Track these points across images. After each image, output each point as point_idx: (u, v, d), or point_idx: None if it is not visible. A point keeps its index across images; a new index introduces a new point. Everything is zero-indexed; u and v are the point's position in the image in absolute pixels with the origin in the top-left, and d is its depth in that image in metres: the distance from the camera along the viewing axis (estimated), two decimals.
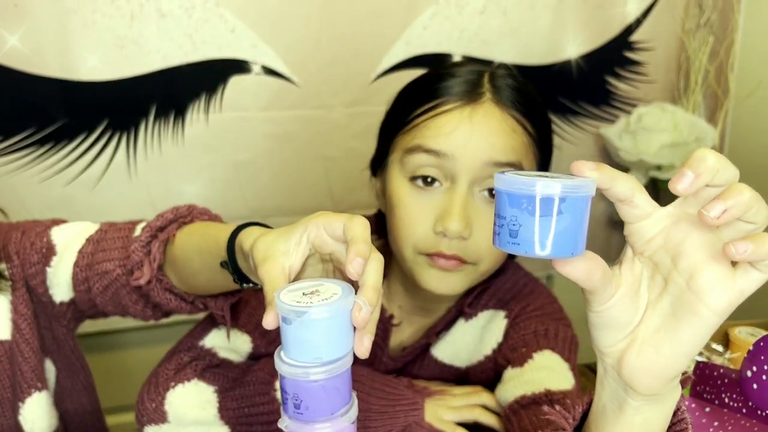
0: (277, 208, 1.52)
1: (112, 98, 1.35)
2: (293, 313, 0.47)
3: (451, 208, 0.74)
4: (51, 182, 1.34)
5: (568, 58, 1.60)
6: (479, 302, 0.86)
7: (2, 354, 0.81)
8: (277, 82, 1.43)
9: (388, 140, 0.82)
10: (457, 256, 0.75)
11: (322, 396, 0.50)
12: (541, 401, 0.73)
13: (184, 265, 0.71)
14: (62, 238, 0.81)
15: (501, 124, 0.75)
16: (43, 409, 0.85)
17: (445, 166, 0.74)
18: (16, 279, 0.81)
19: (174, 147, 1.41)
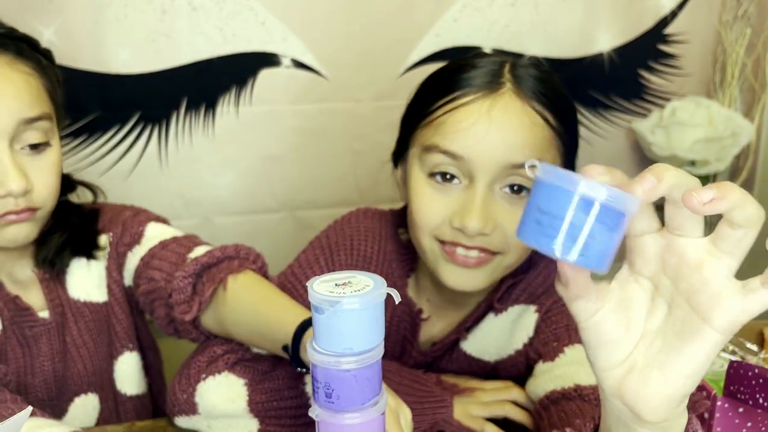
0: (305, 201, 1.52)
1: (144, 91, 1.37)
2: (325, 303, 0.48)
3: (469, 206, 0.73)
4: (85, 173, 1.37)
5: (600, 51, 1.58)
6: (510, 297, 0.85)
7: (102, 314, 0.92)
8: (306, 75, 1.44)
9: (408, 132, 0.81)
10: (480, 247, 0.75)
11: (354, 385, 0.50)
12: (570, 396, 0.72)
13: (232, 325, 0.77)
14: (152, 233, 0.91)
15: (521, 118, 0.74)
16: (133, 368, 0.95)
17: (463, 166, 0.74)
18: (112, 249, 0.91)
19: (204, 140, 1.43)
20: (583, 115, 1.62)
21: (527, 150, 0.73)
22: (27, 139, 0.77)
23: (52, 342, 0.88)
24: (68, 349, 0.89)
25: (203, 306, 0.78)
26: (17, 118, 0.75)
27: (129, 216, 0.93)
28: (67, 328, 0.89)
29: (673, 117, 1.55)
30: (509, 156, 0.73)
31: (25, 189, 0.76)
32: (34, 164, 0.78)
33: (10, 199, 0.76)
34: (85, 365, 0.91)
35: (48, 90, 0.81)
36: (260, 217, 1.52)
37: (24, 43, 0.80)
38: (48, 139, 0.80)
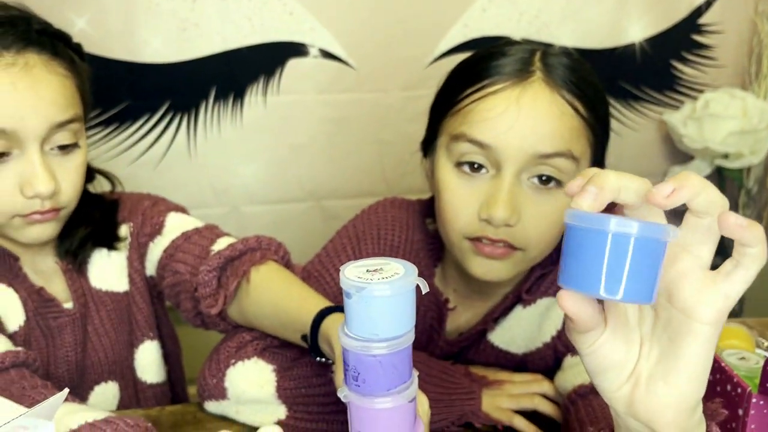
0: (332, 191, 1.53)
1: (174, 80, 1.38)
2: (355, 288, 0.48)
3: (496, 195, 0.72)
4: (115, 162, 1.39)
5: (631, 42, 1.55)
6: (539, 289, 0.84)
7: (124, 303, 0.93)
8: (334, 65, 1.44)
9: (437, 121, 0.80)
10: (504, 240, 0.74)
11: (380, 371, 0.50)
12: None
13: (254, 317, 0.78)
14: (173, 223, 0.91)
15: (550, 106, 0.72)
16: (154, 357, 0.96)
17: (491, 155, 0.73)
18: (133, 239, 0.92)
19: (233, 129, 1.44)
20: (613, 106, 1.59)
21: (556, 139, 0.72)
22: (57, 141, 0.78)
23: (75, 332, 0.89)
24: (89, 338, 0.90)
25: (228, 299, 0.79)
26: (50, 122, 0.76)
27: (148, 206, 0.94)
28: (89, 317, 0.90)
29: (707, 109, 1.52)
30: (537, 145, 0.71)
31: (53, 191, 0.77)
32: (62, 165, 0.79)
33: (37, 200, 0.77)
34: (106, 354, 0.92)
35: (80, 89, 0.81)
36: (287, 206, 1.53)
37: (59, 40, 0.80)
38: (77, 140, 0.80)
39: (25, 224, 0.79)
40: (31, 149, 0.75)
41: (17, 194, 0.76)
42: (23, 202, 0.77)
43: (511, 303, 0.85)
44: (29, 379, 0.71)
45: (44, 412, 0.52)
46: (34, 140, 0.75)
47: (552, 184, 0.73)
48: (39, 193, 0.76)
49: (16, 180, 0.76)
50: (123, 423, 0.63)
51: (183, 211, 0.96)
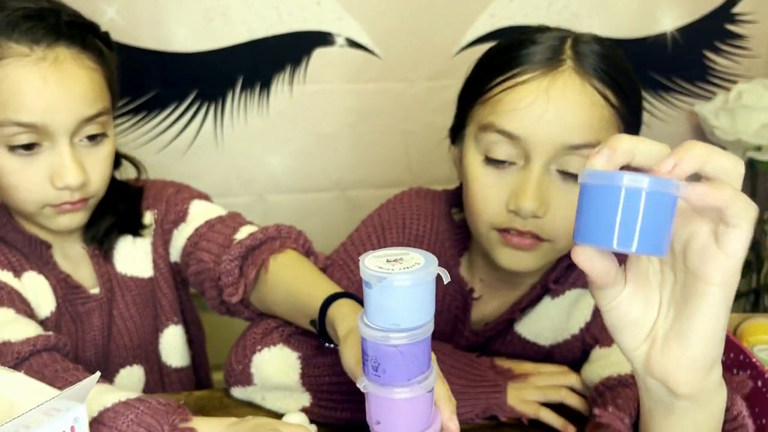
0: (358, 181, 1.53)
1: (202, 69, 1.39)
2: (374, 278, 0.48)
3: (525, 186, 0.72)
4: (143, 150, 1.40)
5: (663, 31, 1.52)
6: (567, 280, 0.84)
7: (149, 288, 0.94)
8: (360, 55, 1.43)
9: (466, 109, 0.80)
10: (532, 232, 0.74)
11: (400, 361, 0.50)
12: (627, 383, 0.71)
13: (272, 304, 0.80)
14: (196, 211, 0.93)
15: (580, 96, 0.72)
16: (178, 341, 0.98)
17: (519, 146, 0.73)
18: (157, 226, 0.93)
19: (259, 118, 1.45)
20: (643, 97, 1.57)
21: (585, 130, 0.71)
22: (86, 132, 0.79)
23: (102, 317, 0.91)
24: (115, 322, 0.92)
25: (249, 288, 0.81)
26: (80, 117, 0.77)
27: (172, 193, 0.95)
28: (114, 302, 0.92)
29: (739, 100, 1.49)
30: (566, 137, 0.71)
31: (82, 183, 0.79)
32: (91, 156, 0.80)
33: (67, 191, 0.79)
34: (131, 338, 0.94)
35: (108, 81, 0.82)
36: (312, 195, 1.53)
37: (88, 31, 0.81)
38: (105, 131, 0.81)
39: (55, 213, 0.81)
40: (60, 142, 0.77)
41: (47, 185, 0.78)
42: (54, 193, 0.79)
43: (538, 294, 0.85)
44: (60, 362, 0.73)
45: (76, 395, 0.53)
46: (63, 134, 0.77)
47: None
48: (68, 185, 0.77)
49: (47, 172, 0.78)
50: (155, 401, 0.65)
51: (206, 198, 0.97)
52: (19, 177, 0.77)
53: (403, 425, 0.52)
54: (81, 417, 0.54)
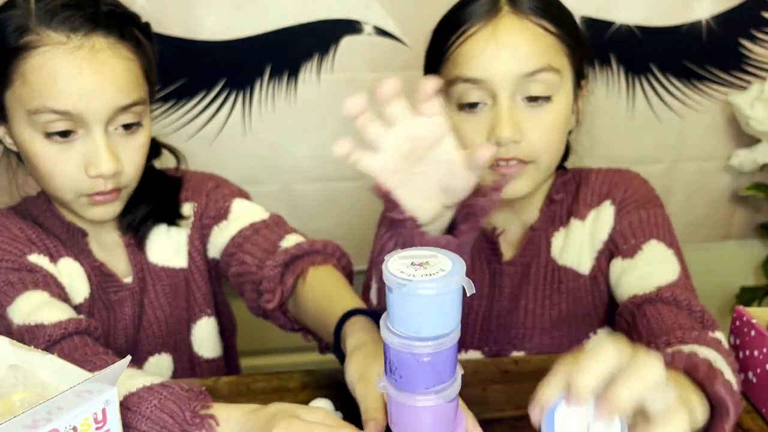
0: None
1: (230, 58, 1.39)
2: (396, 284, 0.46)
3: (499, 119, 0.81)
4: (172, 138, 1.40)
5: (697, 19, 1.49)
6: (585, 202, 0.91)
7: (181, 279, 0.95)
8: (388, 43, 1.42)
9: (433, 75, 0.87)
10: (515, 157, 0.83)
11: (417, 370, 0.49)
12: (652, 300, 0.78)
13: (303, 314, 0.82)
14: (239, 210, 0.94)
15: (523, 32, 0.82)
16: (210, 333, 0.99)
17: (484, 88, 0.82)
18: (196, 219, 0.94)
19: (287, 107, 1.45)
20: (676, 86, 1.54)
21: (536, 58, 0.81)
22: (121, 121, 0.79)
23: (133, 305, 0.92)
24: (145, 311, 0.93)
25: (285, 295, 0.82)
26: (114, 106, 0.78)
27: (212, 187, 0.96)
28: (146, 291, 0.93)
29: None
30: (521, 66, 0.81)
31: (115, 171, 0.79)
32: (125, 145, 0.81)
33: (100, 180, 0.79)
34: (161, 327, 0.94)
35: (145, 71, 0.83)
36: (338, 184, 1.53)
37: (127, 21, 0.81)
38: (141, 120, 0.82)
39: (89, 204, 0.82)
40: (95, 130, 0.77)
41: (82, 174, 0.79)
42: (87, 181, 0.79)
43: (561, 216, 0.92)
44: (91, 346, 0.74)
45: (108, 378, 0.54)
46: (98, 122, 0.77)
47: (540, 101, 0.83)
48: (101, 174, 0.78)
49: (81, 160, 0.78)
50: (178, 387, 0.66)
51: (246, 196, 0.97)
52: (56, 164, 0.78)
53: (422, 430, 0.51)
54: (112, 399, 0.55)
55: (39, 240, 0.85)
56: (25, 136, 0.78)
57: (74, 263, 0.87)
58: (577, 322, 0.90)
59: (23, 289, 0.79)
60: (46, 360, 0.57)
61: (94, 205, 0.82)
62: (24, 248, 0.83)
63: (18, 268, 0.81)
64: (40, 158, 0.79)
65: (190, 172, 0.98)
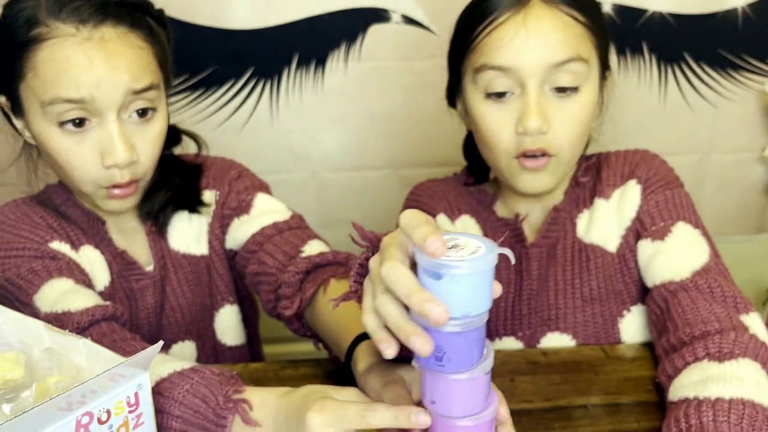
0: (410, 160, 1.52)
1: (258, 46, 1.40)
2: (447, 268, 0.46)
3: (527, 109, 0.81)
4: (201, 126, 1.42)
5: (733, 7, 1.45)
6: (609, 182, 0.91)
7: (203, 266, 0.95)
8: (415, 31, 1.42)
9: (458, 65, 0.88)
10: (541, 149, 0.83)
11: (465, 347, 0.49)
12: (687, 287, 0.79)
13: (318, 326, 0.80)
14: (261, 206, 0.94)
15: (552, 21, 0.81)
16: (233, 320, 0.99)
17: (513, 76, 0.82)
18: (217, 207, 0.94)
19: (314, 96, 1.45)
20: (711, 75, 1.51)
21: (565, 47, 0.81)
22: (134, 107, 0.79)
23: (155, 294, 0.92)
24: (167, 298, 0.93)
25: (303, 304, 0.81)
26: (125, 91, 0.77)
27: (234, 176, 0.95)
28: (167, 279, 0.93)
29: None
30: (550, 56, 0.81)
31: (130, 160, 0.79)
32: (140, 133, 0.80)
33: (116, 171, 0.79)
34: (183, 314, 0.95)
35: (158, 59, 0.82)
36: (364, 173, 1.53)
37: (138, 10, 0.81)
38: (155, 106, 0.81)
39: (106, 197, 0.82)
40: (108, 118, 0.77)
41: (98, 165, 0.79)
42: (105, 173, 0.79)
43: (586, 196, 0.92)
44: (119, 332, 0.74)
45: (140, 362, 0.55)
46: (111, 109, 0.77)
47: (568, 92, 0.82)
48: (117, 163, 0.78)
49: (97, 150, 0.78)
50: (209, 371, 0.66)
51: (268, 190, 0.97)
52: (72, 155, 0.78)
53: (459, 406, 0.51)
54: (144, 384, 0.56)
55: (60, 228, 0.86)
56: (41, 128, 0.78)
57: (95, 251, 0.87)
58: (609, 299, 0.90)
59: (48, 277, 0.79)
60: (80, 344, 0.58)
61: (111, 199, 0.82)
62: (46, 236, 0.84)
63: (41, 256, 0.81)
64: (57, 150, 0.79)
65: (210, 158, 0.98)
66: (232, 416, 0.62)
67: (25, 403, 0.53)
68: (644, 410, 0.73)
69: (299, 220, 0.93)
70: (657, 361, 0.78)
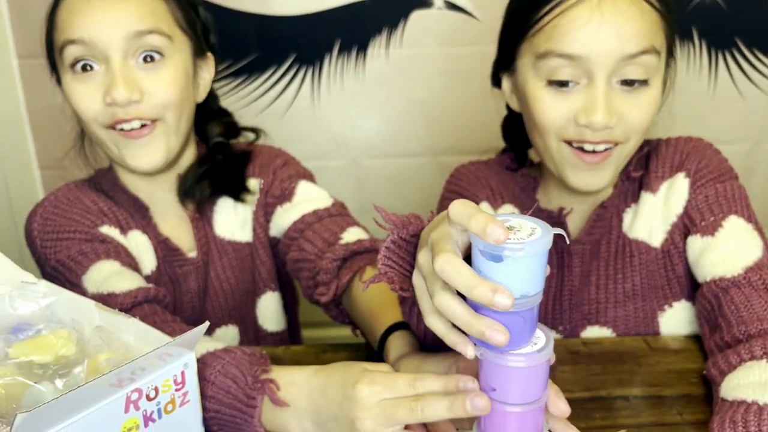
0: (449, 147, 1.51)
1: (300, 32, 1.40)
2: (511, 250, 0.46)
3: (594, 102, 0.76)
4: (243, 113, 1.43)
5: None
6: (657, 174, 0.87)
7: (247, 253, 0.96)
8: (458, 17, 1.40)
9: (514, 45, 0.82)
10: (604, 140, 0.78)
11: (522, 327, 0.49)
12: (740, 284, 0.76)
13: (353, 312, 0.82)
14: (303, 193, 0.95)
15: (629, 6, 0.75)
16: (275, 307, 1.01)
17: (581, 65, 0.76)
18: (261, 195, 0.95)
19: (355, 82, 1.45)
20: (763, 62, 1.46)
21: (641, 38, 0.75)
22: (139, 50, 0.81)
23: (198, 279, 0.94)
24: (211, 283, 0.95)
25: (339, 290, 0.82)
26: (127, 31, 0.79)
27: (279, 164, 0.96)
28: (212, 264, 0.94)
29: None
30: (624, 47, 0.75)
31: (129, 98, 0.80)
32: (148, 77, 0.81)
33: (118, 108, 0.80)
34: (227, 299, 0.96)
35: (171, 12, 0.84)
36: (404, 160, 1.53)
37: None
38: (162, 53, 0.82)
39: (122, 139, 0.82)
40: (112, 59, 0.79)
41: (101, 102, 0.81)
42: (108, 110, 0.81)
43: (633, 191, 0.88)
44: (160, 314, 0.76)
45: (187, 342, 0.56)
46: (114, 50, 0.79)
47: (636, 85, 0.77)
48: (115, 100, 0.79)
49: (102, 90, 0.80)
50: (240, 351, 0.67)
51: (311, 178, 0.98)
52: (79, 95, 0.81)
53: (518, 393, 0.51)
54: (190, 363, 0.57)
55: (110, 212, 0.88)
56: (62, 78, 0.83)
57: (142, 236, 0.90)
58: (651, 295, 0.88)
59: (96, 258, 0.82)
60: (129, 323, 0.59)
61: (128, 139, 0.82)
62: (96, 220, 0.86)
63: (90, 239, 0.84)
64: (69, 95, 0.82)
65: (259, 146, 0.99)
66: (261, 396, 0.63)
67: (77, 379, 0.55)
68: (688, 402, 0.72)
69: (340, 208, 0.93)
70: (707, 356, 0.76)
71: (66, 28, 0.80)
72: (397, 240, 0.57)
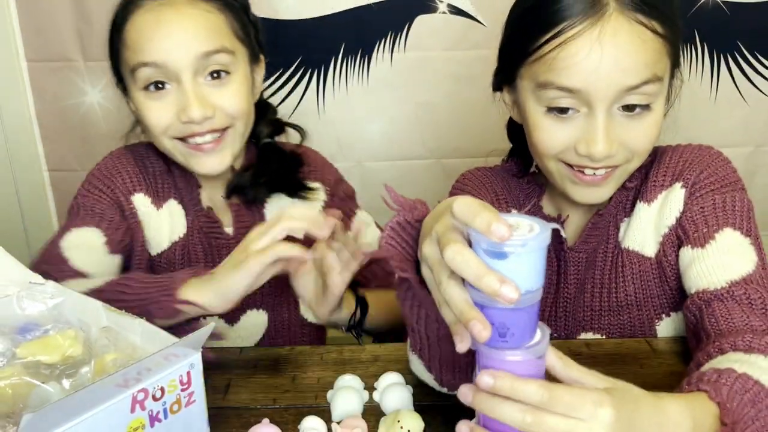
0: (454, 150, 1.52)
1: (306, 36, 1.42)
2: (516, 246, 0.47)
3: (593, 133, 0.75)
4: None
5: None
6: (655, 185, 0.85)
7: None
8: (462, 21, 1.41)
9: (514, 65, 0.80)
10: (606, 166, 0.77)
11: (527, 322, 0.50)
12: (722, 297, 0.73)
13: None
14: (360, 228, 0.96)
15: (631, 38, 0.72)
16: None
17: (581, 97, 0.74)
18: (328, 198, 1.02)
19: (359, 86, 1.46)
20: (765, 65, 1.46)
21: (641, 69, 0.73)
22: (208, 69, 0.86)
23: None
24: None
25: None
26: (196, 52, 0.84)
27: (338, 179, 1.04)
28: None
29: None
30: (625, 80, 0.73)
31: (204, 116, 0.85)
32: (217, 93, 0.87)
33: (194, 125, 0.86)
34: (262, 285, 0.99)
35: (230, 25, 0.89)
36: (409, 163, 1.54)
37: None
38: (229, 70, 0.87)
39: (190, 150, 0.89)
40: (183, 79, 0.85)
41: (175, 120, 0.86)
42: (181, 126, 0.87)
43: (629, 202, 0.87)
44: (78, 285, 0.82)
45: (193, 343, 0.57)
46: (185, 70, 0.85)
47: (638, 110, 0.75)
48: (191, 118, 0.85)
49: (175, 108, 0.86)
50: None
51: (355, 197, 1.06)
52: (153, 111, 0.87)
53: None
54: (196, 363, 0.58)
55: (149, 182, 0.96)
56: (132, 95, 0.89)
57: (178, 205, 0.96)
58: (645, 304, 0.87)
59: (91, 223, 0.90)
60: (135, 323, 0.60)
61: (197, 152, 0.88)
62: (132, 188, 0.95)
63: (113, 205, 0.93)
64: (142, 111, 0.88)
65: (311, 150, 1.04)
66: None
67: (83, 379, 0.56)
68: None
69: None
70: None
71: (138, 50, 0.86)
72: (402, 222, 0.59)
